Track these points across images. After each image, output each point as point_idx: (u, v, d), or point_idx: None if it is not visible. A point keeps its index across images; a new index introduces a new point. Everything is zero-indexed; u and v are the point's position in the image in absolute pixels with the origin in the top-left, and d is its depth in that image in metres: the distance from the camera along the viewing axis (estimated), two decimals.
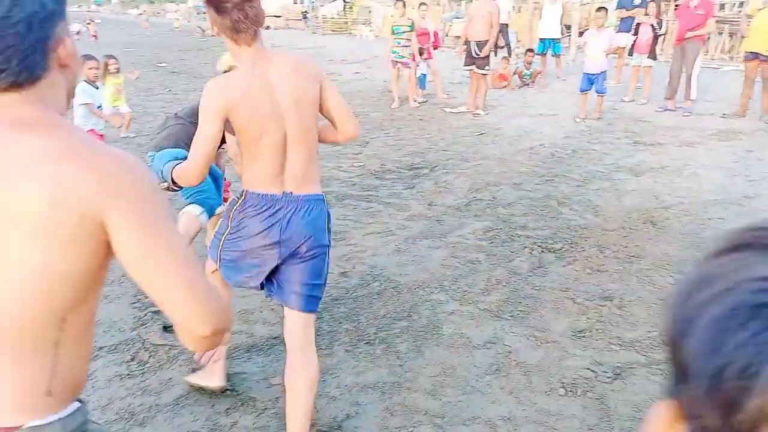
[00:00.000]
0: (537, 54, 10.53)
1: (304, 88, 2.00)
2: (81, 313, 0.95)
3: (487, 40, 8.13)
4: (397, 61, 9.20)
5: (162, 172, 2.23)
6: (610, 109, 8.56)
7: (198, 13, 60.44)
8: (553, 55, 11.02)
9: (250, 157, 2.01)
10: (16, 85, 0.90)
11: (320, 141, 2.15)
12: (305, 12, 38.78)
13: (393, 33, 9.12)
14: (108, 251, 0.92)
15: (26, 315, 0.91)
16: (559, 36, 10.71)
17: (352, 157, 6.61)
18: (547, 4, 10.09)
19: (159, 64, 16.53)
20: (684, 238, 4.30)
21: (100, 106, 5.84)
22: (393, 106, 9.46)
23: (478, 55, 8.32)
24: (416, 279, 3.68)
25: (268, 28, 41.11)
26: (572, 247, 4.11)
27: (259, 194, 2.03)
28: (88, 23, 19.43)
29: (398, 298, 3.44)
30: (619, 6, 10.40)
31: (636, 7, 9.97)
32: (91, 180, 0.88)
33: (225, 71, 3.50)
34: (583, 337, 3.05)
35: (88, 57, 5.72)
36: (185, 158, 2.12)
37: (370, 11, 33.88)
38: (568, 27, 18.00)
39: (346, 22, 35.50)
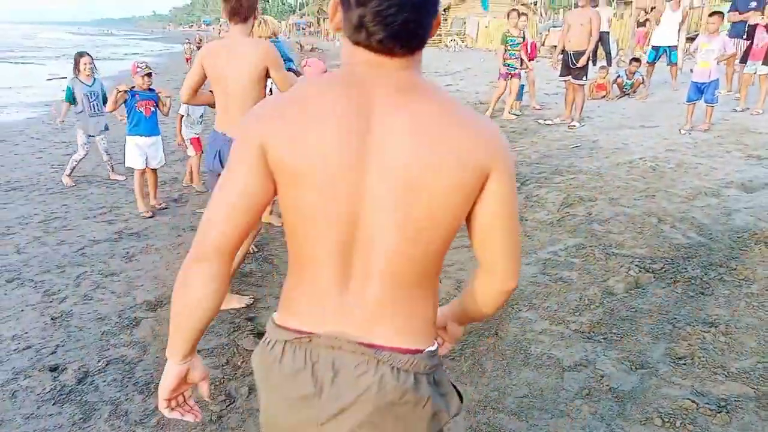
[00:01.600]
0: (648, 63, 9.99)
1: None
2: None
3: (585, 50, 7.88)
4: (510, 74, 9.08)
5: None
6: (719, 120, 8.00)
7: (298, 30, 63.07)
8: (668, 64, 10.45)
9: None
10: (414, 50, 1.04)
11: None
12: None
13: (505, 44, 8.94)
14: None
15: (433, 254, 1.07)
16: (676, 44, 10.15)
17: None
18: (667, 10, 9.59)
19: None
20: None
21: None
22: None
23: (575, 65, 8.08)
24: None
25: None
26: (673, 268, 3.87)
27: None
28: (198, 42, 20.74)
29: None
30: (732, 8, 9.76)
31: (751, 9, 9.32)
32: (479, 145, 1.03)
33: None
34: (684, 364, 2.87)
35: None
36: None
37: (464, 22, 33.80)
38: None
39: (440, 34, 35.61)
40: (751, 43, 8.44)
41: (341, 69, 1.08)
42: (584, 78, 8.18)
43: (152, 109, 5.30)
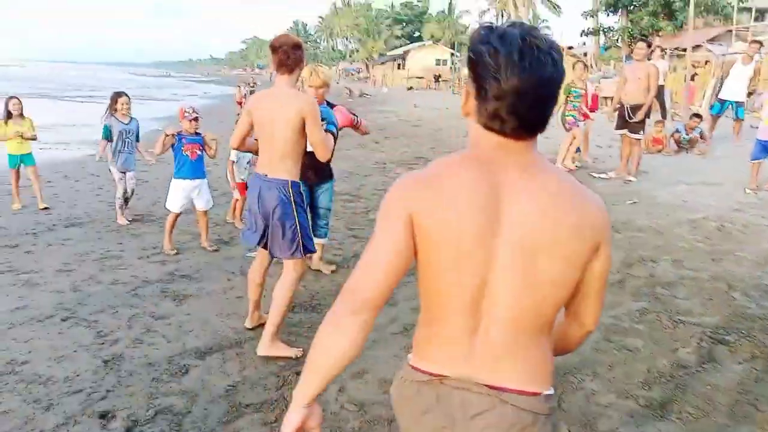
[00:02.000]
0: (712, 115, 9.69)
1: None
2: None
3: (643, 104, 7.72)
4: (571, 124, 8.98)
5: None
6: None
7: (347, 75, 64.85)
8: (735, 119, 10.15)
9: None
10: (534, 135, 1.19)
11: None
12: (438, 75, 39.89)
13: (568, 94, 8.86)
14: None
15: (551, 310, 1.22)
16: (744, 100, 9.86)
17: None
18: (738, 63, 9.36)
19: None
20: None
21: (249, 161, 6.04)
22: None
23: (632, 118, 7.91)
24: (566, 362, 3.40)
25: (411, 89, 42.99)
26: (749, 341, 3.61)
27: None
28: (252, 84, 21.39)
29: None
30: None
31: None
32: (592, 220, 1.19)
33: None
34: None
35: None
36: None
37: None
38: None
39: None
40: None
41: (472, 150, 1.22)
42: (641, 132, 8.00)
43: (198, 152, 5.42)
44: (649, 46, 8.01)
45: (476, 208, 1.15)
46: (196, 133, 5.42)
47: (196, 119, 5.41)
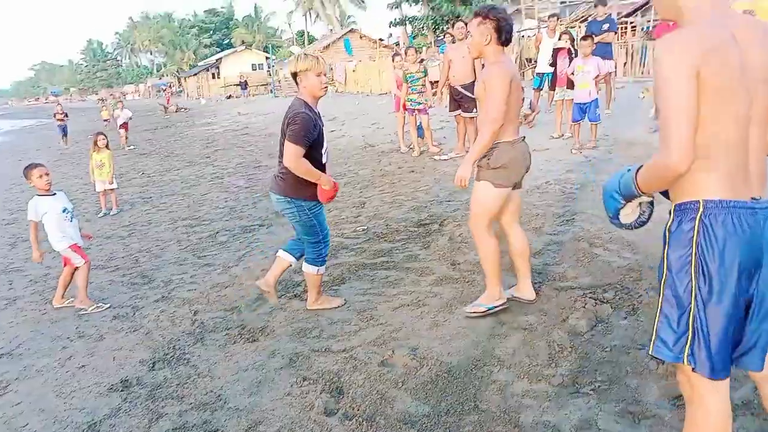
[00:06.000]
0: (534, 89, 10.29)
1: None
2: None
3: (472, 81, 7.92)
4: (416, 109, 9.05)
5: (620, 185, 1.93)
6: (602, 135, 8.37)
7: (158, 92, 60.68)
8: (548, 91, 10.87)
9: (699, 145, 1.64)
10: None
11: None
12: (245, 81, 39.05)
13: (406, 82, 8.97)
14: None
15: None
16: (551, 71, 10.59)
17: (353, 221, 6.22)
18: (546, 39, 9.98)
19: (127, 147, 16.14)
20: None
21: (71, 214, 4.81)
22: (404, 152, 9.68)
23: (465, 97, 8.11)
24: (468, 356, 3.23)
25: (230, 97, 41.37)
26: (626, 294, 3.72)
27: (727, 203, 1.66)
28: (60, 115, 18.91)
29: (456, 384, 2.98)
30: (588, 32, 10.41)
31: (605, 31, 10.01)
32: None
33: (294, 72, 3.68)
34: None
35: (33, 166, 4.76)
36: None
37: (331, 68, 34.18)
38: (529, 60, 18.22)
39: None
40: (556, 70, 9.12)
41: None
42: (474, 110, 8.23)
43: None
44: (466, 25, 8.24)
45: None
46: None
47: None
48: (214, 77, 54.07)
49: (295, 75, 3.66)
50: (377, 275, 4.60)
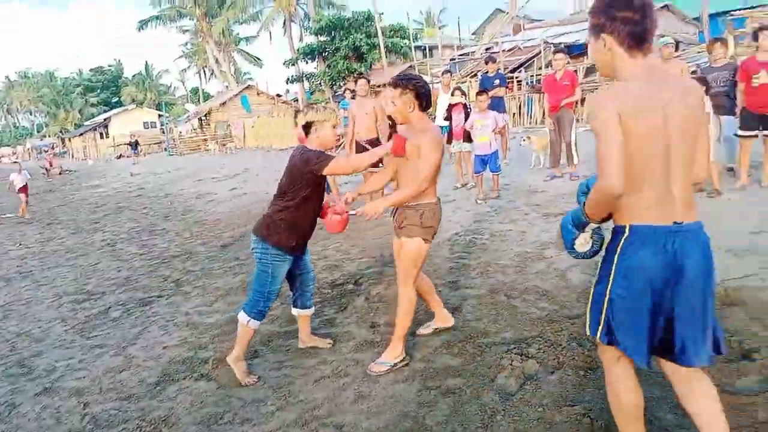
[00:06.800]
0: None
1: (692, 111, 2.05)
2: None
3: (376, 137, 7.94)
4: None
5: (572, 216, 2.28)
6: (503, 185, 8.64)
7: (39, 153, 56.72)
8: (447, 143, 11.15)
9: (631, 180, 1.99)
10: None
11: None
12: (136, 141, 37.81)
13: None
14: None
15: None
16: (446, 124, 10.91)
17: None
18: (442, 94, 10.29)
19: (2, 215, 14.72)
20: None
21: None
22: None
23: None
24: (400, 431, 3.00)
25: (120, 157, 39.44)
26: (549, 347, 3.67)
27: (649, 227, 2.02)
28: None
29: None
30: (481, 88, 10.91)
31: (497, 86, 10.52)
32: None
33: (309, 122, 3.68)
34: None
35: None
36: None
37: (228, 125, 33.69)
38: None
39: (205, 139, 34.90)
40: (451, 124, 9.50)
41: None
42: (380, 164, 8.22)
43: None
44: (368, 82, 8.32)
45: None
46: None
47: None
48: (102, 137, 51.55)
49: (308, 126, 3.67)
50: (292, 345, 4.28)
